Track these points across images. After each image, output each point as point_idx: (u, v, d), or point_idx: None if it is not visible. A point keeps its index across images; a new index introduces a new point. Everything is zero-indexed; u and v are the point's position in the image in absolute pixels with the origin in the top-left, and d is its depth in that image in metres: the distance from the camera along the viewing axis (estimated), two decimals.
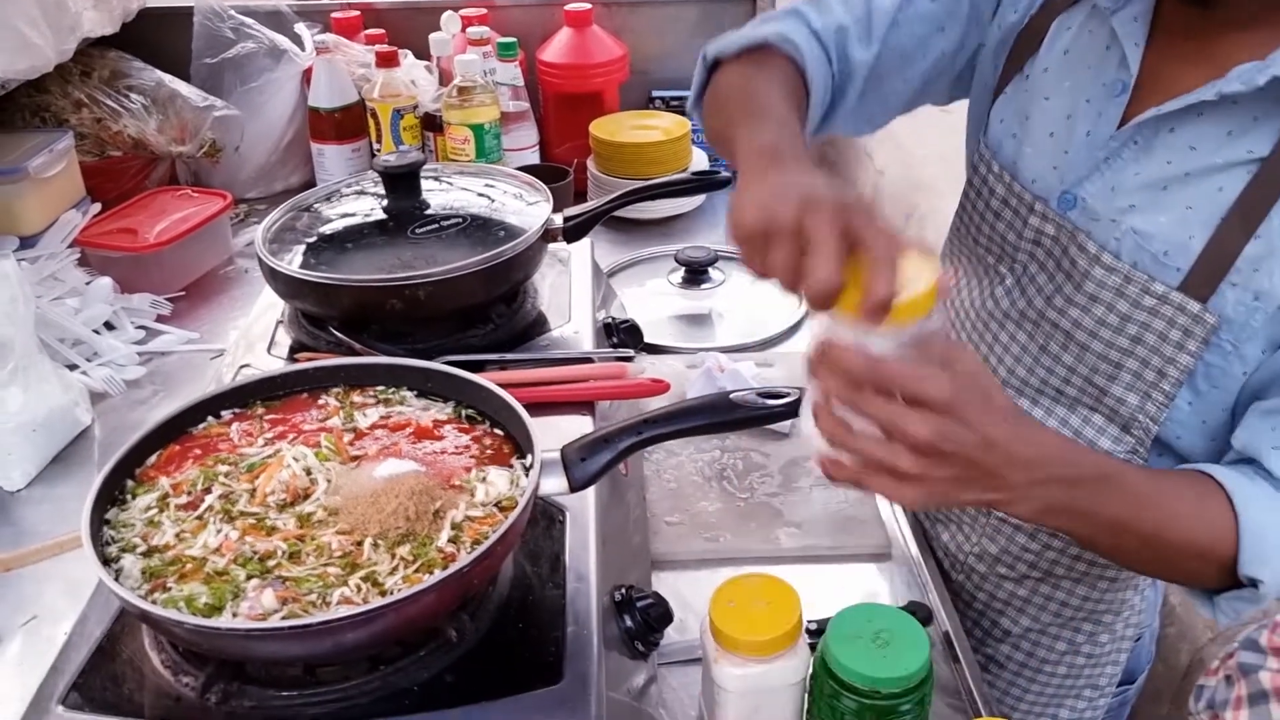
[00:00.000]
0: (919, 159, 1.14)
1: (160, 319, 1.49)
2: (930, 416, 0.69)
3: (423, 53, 1.87)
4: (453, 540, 0.74)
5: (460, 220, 1.15)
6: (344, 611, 0.66)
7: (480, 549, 0.70)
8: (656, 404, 0.95)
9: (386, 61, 1.76)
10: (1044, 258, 0.97)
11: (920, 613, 0.97)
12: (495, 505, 0.78)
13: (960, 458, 0.71)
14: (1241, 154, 0.84)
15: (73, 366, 1.34)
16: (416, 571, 0.71)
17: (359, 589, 0.70)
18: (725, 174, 1.18)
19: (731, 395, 0.82)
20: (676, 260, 1.56)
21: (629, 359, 1.10)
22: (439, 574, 0.69)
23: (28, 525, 1.13)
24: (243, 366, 1.10)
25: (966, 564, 1.11)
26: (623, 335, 1.21)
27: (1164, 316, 0.88)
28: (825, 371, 0.71)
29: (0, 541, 1.09)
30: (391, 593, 0.69)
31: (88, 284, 1.47)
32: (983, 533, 1.09)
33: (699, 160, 1.84)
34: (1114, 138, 0.91)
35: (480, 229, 1.14)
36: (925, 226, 1.11)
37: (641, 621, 0.84)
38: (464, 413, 0.89)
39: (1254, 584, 0.81)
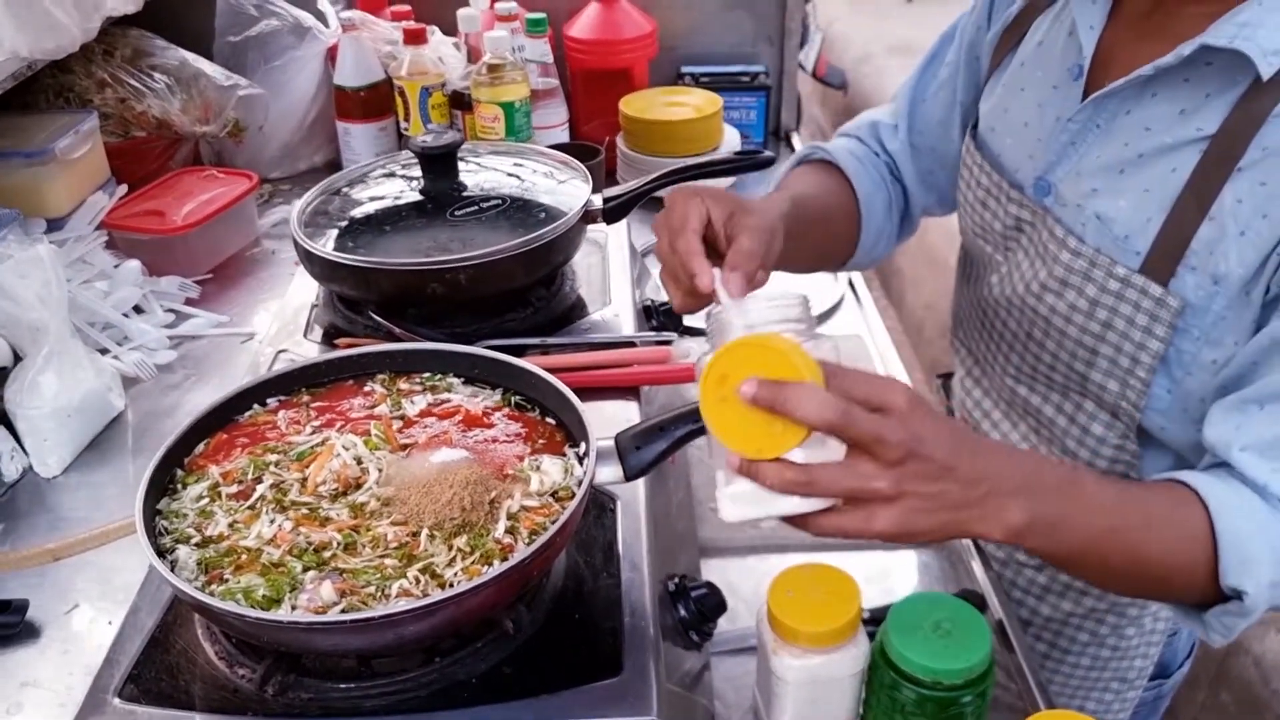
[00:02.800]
0: None
1: (188, 302, 1.48)
2: (896, 424, 0.65)
3: (450, 29, 1.83)
4: (510, 531, 0.73)
5: (499, 202, 1.13)
6: (406, 604, 0.65)
7: (540, 540, 0.69)
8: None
9: (414, 39, 1.73)
10: (1026, 244, 0.98)
11: (974, 601, 0.95)
12: (550, 495, 0.77)
13: (935, 464, 0.67)
14: (1191, 132, 0.83)
15: (103, 351, 1.33)
16: (474, 563, 0.70)
17: (418, 581, 0.69)
18: (769, 153, 1.15)
19: None
20: None
21: (669, 343, 1.08)
22: (500, 566, 0.68)
23: (65, 512, 1.12)
24: (280, 352, 1.09)
25: (985, 549, 1.10)
26: (663, 317, 1.19)
27: (1129, 300, 0.87)
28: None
29: (38, 529, 1.08)
30: (451, 584, 0.68)
31: (116, 267, 1.46)
32: None
33: (730, 138, 1.81)
34: (1073, 120, 0.91)
35: (520, 210, 1.12)
36: None
37: (696, 611, 0.83)
38: (513, 399, 0.87)
39: (1238, 595, 0.76)
